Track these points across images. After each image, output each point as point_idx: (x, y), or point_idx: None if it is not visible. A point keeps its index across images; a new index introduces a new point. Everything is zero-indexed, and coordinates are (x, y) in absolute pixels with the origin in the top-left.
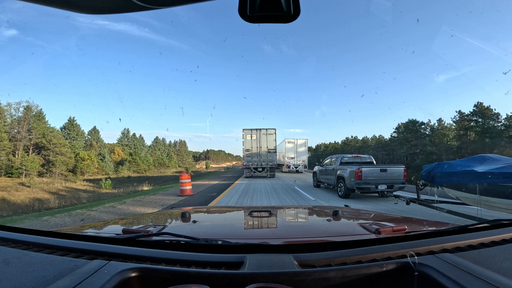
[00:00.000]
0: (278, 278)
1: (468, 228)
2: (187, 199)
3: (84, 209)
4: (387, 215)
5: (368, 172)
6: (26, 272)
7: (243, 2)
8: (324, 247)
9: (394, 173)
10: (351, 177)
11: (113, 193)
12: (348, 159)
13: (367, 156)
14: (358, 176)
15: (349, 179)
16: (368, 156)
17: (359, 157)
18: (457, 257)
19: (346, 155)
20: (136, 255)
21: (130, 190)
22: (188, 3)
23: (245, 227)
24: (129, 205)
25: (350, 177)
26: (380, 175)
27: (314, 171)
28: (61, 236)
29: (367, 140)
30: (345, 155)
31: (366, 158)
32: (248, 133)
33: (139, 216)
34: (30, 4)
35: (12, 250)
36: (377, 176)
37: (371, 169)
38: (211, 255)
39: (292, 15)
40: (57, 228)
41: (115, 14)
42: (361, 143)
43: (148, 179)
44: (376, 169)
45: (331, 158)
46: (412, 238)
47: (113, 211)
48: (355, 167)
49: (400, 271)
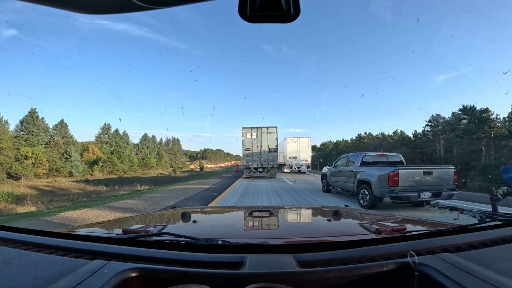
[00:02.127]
0: (278, 278)
1: (469, 228)
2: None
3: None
4: (387, 215)
5: (407, 175)
6: (26, 272)
7: (243, 2)
8: (324, 247)
9: (441, 176)
10: (382, 183)
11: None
12: (371, 158)
13: (395, 154)
14: (394, 181)
15: (378, 184)
16: (396, 154)
17: (385, 156)
18: (457, 257)
19: (368, 153)
20: (136, 255)
21: None
22: (188, 3)
23: (245, 227)
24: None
25: (380, 182)
26: (423, 180)
27: (324, 173)
28: (61, 236)
29: (386, 136)
30: (367, 153)
31: (394, 157)
32: (248, 131)
33: (139, 216)
34: (30, 4)
35: (12, 250)
36: (420, 181)
37: (412, 172)
38: (211, 255)
39: (292, 15)
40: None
41: (115, 14)
42: (376, 140)
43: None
44: (418, 171)
45: (348, 157)
46: (412, 238)
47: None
48: (387, 168)
49: (400, 271)
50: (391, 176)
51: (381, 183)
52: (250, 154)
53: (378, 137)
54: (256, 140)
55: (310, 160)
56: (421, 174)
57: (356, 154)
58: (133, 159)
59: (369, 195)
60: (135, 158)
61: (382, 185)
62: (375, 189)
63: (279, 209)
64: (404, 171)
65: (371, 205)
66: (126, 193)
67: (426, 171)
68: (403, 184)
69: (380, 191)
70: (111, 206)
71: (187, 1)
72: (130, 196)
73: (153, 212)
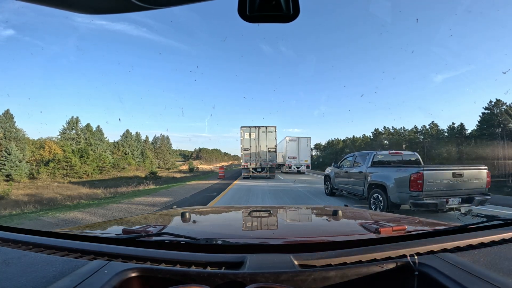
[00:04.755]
0: (278, 278)
1: (468, 228)
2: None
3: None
4: (387, 214)
5: (433, 177)
6: (26, 273)
7: (243, 2)
8: (324, 247)
9: (472, 178)
10: (402, 187)
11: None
12: (383, 157)
13: (411, 152)
14: (417, 184)
15: (396, 189)
16: (412, 152)
17: (399, 154)
18: (457, 257)
19: (380, 152)
20: (136, 255)
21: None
22: (188, 3)
23: (245, 227)
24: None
25: (399, 186)
26: (452, 183)
27: (327, 174)
28: (61, 236)
29: (406, 132)
30: (379, 152)
31: (410, 156)
32: (247, 131)
33: (139, 216)
34: (29, 4)
35: (12, 251)
36: (448, 184)
37: (439, 173)
38: (211, 255)
39: (291, 15)
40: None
41: (114, 14)
42: (397, 136)
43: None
44: (446, 172)
45: (355, 156)
46: (412, 238)
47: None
48: (407, 169)
49: (400, 271)
50: (413, 179)
51: (399, 187)
52: (249, 154)
53: (398, 132)
54: (255, 139)
55: (310, 160)
56: (450, 176)
57: (365, 152)
58: (105, 159)
59: (384, 201)
60: (109, 157)
61: (402, 190)
62: (391, 194)
63: (278, 209)
64: (430, 172)
65: (386, 212)
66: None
67: (456, 172)
68: (429, 189)
69: (398, 196)
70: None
71: (186, 1)
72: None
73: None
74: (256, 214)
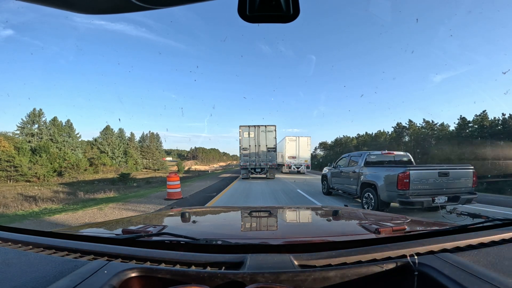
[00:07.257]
0: (278, 278)
1: (468, 228)
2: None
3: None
4: (387, 214)
5: (419, 177)
6: (26, 273)
7: (243, 2)
8: (324, 247)
9: (458, 177)
10: (390, 185)
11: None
12: (376, 157)
13: (403, 153)
14: (404, 183)
15: (385, 188)
16: (405, 153)
17: (391, 154)
18: (457, 257)
19: (372, 152)
20: (136, 255)
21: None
22: (188, 3)
23: (245, 227)
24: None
25: (388, 185)
26: (439, 182)
27: (324, 174)
28: (61, 236)
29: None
30: (372, 152)
31: (402, 156)
32: (246, 130)
33: (139, 216)
34: (29, 4)
35: (12, 251)
36: (434, 184)
37: (425, 173)
38: (211, 255)
39: (291, 15)
40: None
41: (114, 15)
42: (430, 130)
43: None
44: (432, 172)
45: (350, 156)
46: (412, 238)
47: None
48: (396, 169)
49: (400, 271)
50: (400, 178)
51: (388, 186)
52: (248, 154)
53: (414, 127)
54: (254, 139)
55: (310, 160)
56: (435, 175)
57: (359, 153)
58: (70, 158)
59: (375, 200)
60: (74, 157)
61: (390, 188)
62: (381, 192)
63: (278, 209)
64: (416, 172)
65: (377, 211)
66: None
67: (441, 172)
68: (415, 187)
69: (387, 195)
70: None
71: (186, 1)
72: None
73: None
74: (256, 214)
